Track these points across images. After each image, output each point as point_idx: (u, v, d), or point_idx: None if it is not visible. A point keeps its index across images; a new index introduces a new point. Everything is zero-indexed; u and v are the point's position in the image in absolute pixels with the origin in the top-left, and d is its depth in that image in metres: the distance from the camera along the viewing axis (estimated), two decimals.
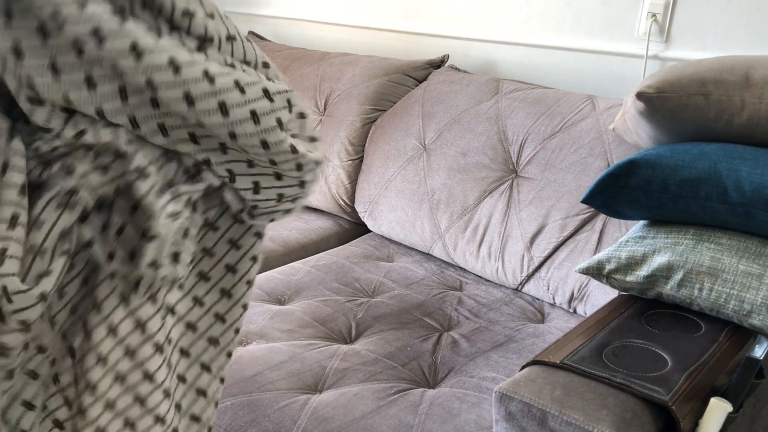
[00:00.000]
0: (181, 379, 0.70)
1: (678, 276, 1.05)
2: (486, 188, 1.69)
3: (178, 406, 0.69)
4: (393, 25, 2.30)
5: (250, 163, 0.64)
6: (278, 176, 0.66)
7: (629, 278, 1.10)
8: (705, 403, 0.87)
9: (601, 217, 1.50)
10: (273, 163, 0.64)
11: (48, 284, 0.57)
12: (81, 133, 0.56)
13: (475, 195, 1.70)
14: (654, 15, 1.72)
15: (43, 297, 0.56)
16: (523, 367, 0.94)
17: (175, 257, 0.62)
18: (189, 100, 0.56)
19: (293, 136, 0.67)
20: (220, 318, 0.72)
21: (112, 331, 0.61)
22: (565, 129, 1.62)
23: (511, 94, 1.77)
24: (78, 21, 0.52)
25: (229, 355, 0.73)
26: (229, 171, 0.64)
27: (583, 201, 1.19)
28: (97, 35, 0.53)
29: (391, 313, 1.51)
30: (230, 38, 0.62)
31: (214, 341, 0.72)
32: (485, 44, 2.09)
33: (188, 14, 0.58)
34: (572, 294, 1.51)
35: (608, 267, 1.12)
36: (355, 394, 1.23)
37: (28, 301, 0.55)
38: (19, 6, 0.52)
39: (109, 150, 0.57)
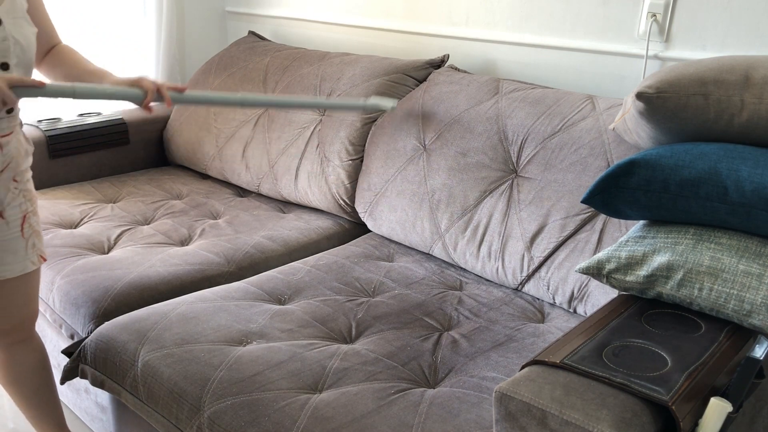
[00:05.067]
0: None
1: (678, 276, 1.05)
2: (486, 188, 1.69)
3: None
4: (393, 25, 2.30)
5: None
6: None
7: (629, 278, 1.10)
8: (705, 403, 0.87)
9: (601, 217, 1.50)
10: None
11: None
12: None
13: (475, 195, 1.70)
14: (654, 15, 1.72)
15: None
16: (523, 367, 0.94)
17: None
18: None
19: None
20: None
21: None
22: (565, 129, 1.62)
23: (511, 94, 1.77)
24: None
25: None
26: None
27: (583, 201, 1.19)
28: None
29: (391, 312, 1.51)
30: None
31: None
32: (485, 44, 2.09)
33: None
34: (572, 294, 1.51)
35: (608, 267, 1.12)
36: (355, 394, 1.23)
37: None
38: None
39: None
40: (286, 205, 2.18)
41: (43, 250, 1.48)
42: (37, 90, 1.27)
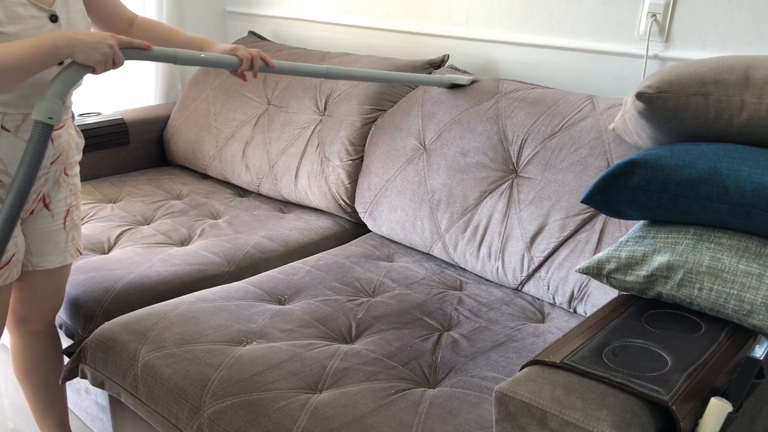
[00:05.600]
0: None
1: (678, 276, 1.05)
2: (486, 188, 1.69)
3: None
4: (393, 25, 2.30)
5: None
6: None
7: (629, 278, 1.10)
8: (705, 403, 0.87)
9: (601, 217, 1.50)
10: None
11: None
12: None
13: (475, 195, 1.70)
14: (654, 15, 1.72)
15: None
16: (523, 367, 0.94)
17: None
18: None
19: None
20: None
21: None
22: (565, 129, 1.62)
23: (511, 94, 1.78)
24: None
25: None
26: None
27: (583, 201, 1.19)
28: None
29: (392, 312, 1.51)
30: None
31: None
32: (485, 44, 2.09)
33: None
34: (572, 294, 1.51)
35: (608, 267, 1.12)
36: (355, 394, 1.23)
37: None
38: None
39: None
40: (286, 205, 2.18)
41: (80, 244, 1.52)
42: (143, 53, 1.29)
